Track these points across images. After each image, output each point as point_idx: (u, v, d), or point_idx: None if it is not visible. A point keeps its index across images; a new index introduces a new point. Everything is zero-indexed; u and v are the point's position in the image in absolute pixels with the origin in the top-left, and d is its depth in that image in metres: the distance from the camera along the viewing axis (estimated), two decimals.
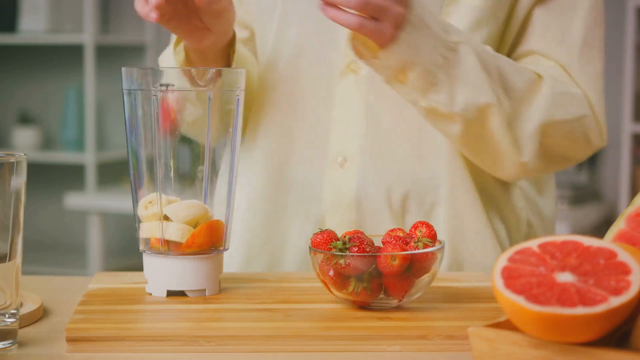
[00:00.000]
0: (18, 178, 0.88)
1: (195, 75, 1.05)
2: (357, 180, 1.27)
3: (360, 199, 1.26)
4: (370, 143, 1.26)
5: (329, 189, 1.28)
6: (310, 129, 1.29)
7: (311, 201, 1.29)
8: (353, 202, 1.26)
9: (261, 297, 1.04)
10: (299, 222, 1.30)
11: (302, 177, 1.29)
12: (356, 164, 1.27)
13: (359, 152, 1.27)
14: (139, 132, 1.06)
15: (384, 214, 1.26)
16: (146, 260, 1.06)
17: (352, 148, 1.27)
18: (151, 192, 1.06)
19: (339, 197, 1.27)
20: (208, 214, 1.06)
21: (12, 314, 0.89)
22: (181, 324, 0.95)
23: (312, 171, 1.29)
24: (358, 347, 0.91)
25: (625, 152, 3.47)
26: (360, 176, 1.27)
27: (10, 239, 0.88)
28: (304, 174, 1.29)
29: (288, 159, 1.30)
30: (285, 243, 1.31)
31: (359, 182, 1.26)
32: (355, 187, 1.26)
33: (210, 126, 1.06)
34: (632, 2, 3.43)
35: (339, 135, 1.28)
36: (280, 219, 1.31)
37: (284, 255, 1.31)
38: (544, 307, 0.74)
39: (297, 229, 1.30)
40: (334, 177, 1.27)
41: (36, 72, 4.29)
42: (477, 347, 0.80)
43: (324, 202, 1.28)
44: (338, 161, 1.27)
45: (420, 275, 0.98)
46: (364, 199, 1.26)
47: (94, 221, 3.85)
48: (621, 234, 0.89)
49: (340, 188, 1.27)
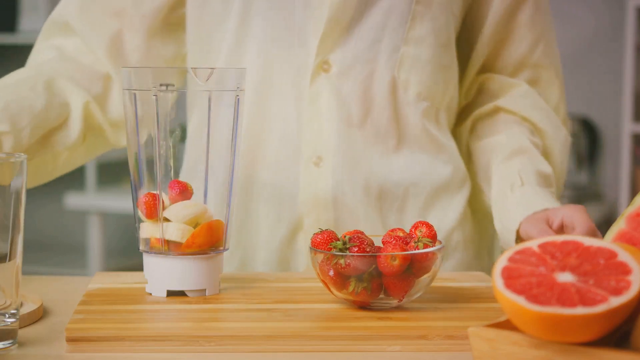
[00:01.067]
0: (18, 178, 0.88)
1: (195, 75, 1.05)
2: (332, 178, 1.27)
3: (337, 197, 1.27)
4: (344, 141, 1.27)
5: (305, 188, 1.27)
6: (281, 129, 1.28)
7: (284, 202, 1.28)
8: (330, 201, 1.27)
9: (261, 297, 1.04)
10: (271, 224, 1.29)
11: (274, 178, 1.28)
12: (331, 163, 1.27)
13: (334, 151, 1.27)
14: (139, 132, 1.06)
15: (361, 210, 1.27)
16: (146, 260, 1.06)
17: (327, 147, 1.27)
18: (151, 192, 1.06)
19: (316, 197, 1.27)
20: (208, 214, 1.06)
21: (12, 314, 0.89)
22: (181, 324, 0.95)
23: (284, 172, 1.28)
24: (358, 347, 0.91)
25: (625, 152, 3.47)
26: (335, 174, 1.27)
27: (10, 239, 0.88)
28: (275, 175, 1.28)
29: (258, 160, 1.29)
30: (256, 245, 1.30)
31: (335, 181, 1.27)
32: (331, 186, 1.27)
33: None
34: (632, 2, 3.43)
35: (313, 134, 1.27)
36: (251, 220, 1.30)
37: (256, 257, 1.30)
38: (544, 307, 0.74)
39: (270, 230, 1.29)
40: (309, 177, 1.27)
41: None
42: (477, 347, 0.80)
43: (300, 202, 1.27)
44: (313, 161, 1.27)
45: (420, 275, 0.98)
46: (341, 197, 1.27)
47: (94, 221, 3.84)
48: (621, 234, 0.89)
49: (317, 187, 1.27)
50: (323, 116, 1.27)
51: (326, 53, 1.26)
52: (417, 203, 1.29)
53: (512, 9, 1.33)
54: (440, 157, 1.30)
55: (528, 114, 1.32)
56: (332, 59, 1.26)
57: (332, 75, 1.26)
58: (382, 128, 1.28)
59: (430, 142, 1.29)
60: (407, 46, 1.27)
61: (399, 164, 1.29)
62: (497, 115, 1.34)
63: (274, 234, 1.29)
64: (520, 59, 1.34)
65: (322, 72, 1.26)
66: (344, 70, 1.26)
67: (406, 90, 1.27)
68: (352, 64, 1.26)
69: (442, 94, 1.30)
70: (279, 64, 1.27)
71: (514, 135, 1.30)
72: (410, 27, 1.26)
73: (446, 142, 1.31)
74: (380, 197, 1.28)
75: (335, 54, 1.26)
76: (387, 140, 1.28)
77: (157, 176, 1.05)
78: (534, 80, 1.35)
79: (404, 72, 1.27)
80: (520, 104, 1.33)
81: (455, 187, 1.32)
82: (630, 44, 3.46)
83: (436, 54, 1.28)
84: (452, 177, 1.31)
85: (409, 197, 1.29)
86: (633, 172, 3.51)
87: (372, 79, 1.27)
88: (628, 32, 3.46)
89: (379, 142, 1.28)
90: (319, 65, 1.26)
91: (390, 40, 1.26)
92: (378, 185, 1.28)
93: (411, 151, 1.29)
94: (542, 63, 1.35)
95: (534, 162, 1.27)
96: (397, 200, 1.29)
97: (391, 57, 1.27)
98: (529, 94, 1.34)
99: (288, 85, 1.27)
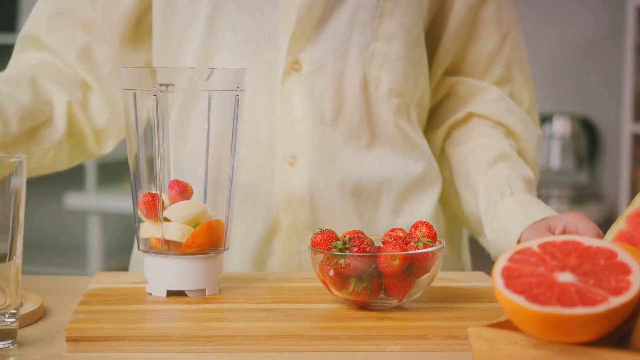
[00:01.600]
0: (18, 178, 0.88)
1: (195, 75, 1.05)
2: (308, 177, 1.27)
3: (312, 196, 1.27)
4: (317, 139, 1.27)
5: (280, 189, 1.27)
6: (253, 130, 1.28)
7: (258, 203, 1.28)
8: (306, 200, 1.27)
9: (261, 297, 1.04)
10: (249, 223, 1.28)
11: (248, 180, 1.28)
12: (305, 162, 1.27)
13: (308, 150, 1.27)
14: (139, 132, 1.06)
15: (337, 208, 1.27)
16: (146, 260, 1.06)
17: (300, 146, 1.27)
18: (151, 192, 1.06)
19: (291, 197, 1.27)
20: (208, 214, 1.06)
21: (12, 314, 0.89)
22: (181, 324, 0.95)
23: (259, 173, 1.28)
24: (358, 347, 0.91)
25: (625, 152, 3.47)
26: (310, 173, 1.27)
27: (10, 239, 0.88)
28: (249, 176, 1.28)
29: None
30: (232, 245, 1.29)
31: (310, 179, 1.27)
32: (307, 185, 1.27)
33: None
34: (632, 2, 3.43)
35: (286, 134, 1.27)
36: None
37: (231, 257, 1.29)
38: (544, 307, 0.74)
39: (246, 231, 1.29)
40: (284, 177, 1.27)
41: None
42: (477, 347, 0.80)
43: (275, 202, 1.27)
44: (287, 160, 1.27)
45: (420, 275, 0.98)
46: (317, 196, 1.27)
47: (94, 221, 3.84)
48: (621, 234, 0.89)
49: (292, 187, 1.27)
50: (296, 116, 1.27)
51: (297, 52, 1.26)
52: (390, 199, 1.30)
53: (476, 6, 1.33)
54: (413, 154, 1.31)
55: (501, 118, 1.34)
56: (302, 58, 1.26)
57: (303, 74, 1.26)
58: (354, 125, 1.28)
59: (402, 139, 1.30)
60: (377, 42, 1.27)
61: (372, 161, 1.29)
62: (470, 120, 1.35)
63: (250, 235, 1.28)
64: (489, 57, 1.35)
65: (293, 72, 1.26)
66: (315, 69, 1.26)
67: (377, 87, 1.28)
68: (323, 62, 1.26)
69: (412, 90, 1.31)
70: (249, 65, 1.26)
71: (493, 140, 1.32)
72: (379, 23, 1.27)
73: (418, 139, 1.32)
74: (354, 194, 1.29)
75: (306, 53, 1.26)
76: (360, 137, 1.29)
77: (157, 176, 1.05)
78: (506, 78, 1.36)
79: (374, 68, 1.27)
80: (492, 108, 1.34)
81: (428, 183, 1.33)
82: (630, 44, 3.46)
83: (407, 50, 1.29)
84: (425, 174, 1.32)
85: (382, 194, 1.30)
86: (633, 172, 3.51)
87: (344, 76, 1.27)
88: (628, 32, 3.46)
89: (352, 140, 1.28)
90: (289, 65, 1.26)
91: (359, 37, 1.27)
92: (352, 182, 1.28)
93: (384, 148, 1.30)
94: (511, 60, 1.36)
95: (518, 168, 1.28)
96: (371, 196, 1.30)
97: (362, 54, 1.27)
98: (500, 97, 1.35)
99: (259, 85, 1.27)
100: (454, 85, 1.37)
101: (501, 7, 1.35)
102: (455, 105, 1.36)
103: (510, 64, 1.36)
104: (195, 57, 1.29)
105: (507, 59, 1.36)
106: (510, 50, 1.36)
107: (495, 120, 1.34)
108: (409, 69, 1.30)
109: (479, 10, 1.34)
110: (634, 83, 3.46)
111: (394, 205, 1.31)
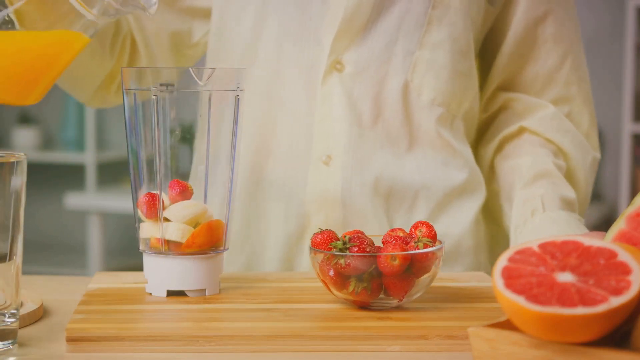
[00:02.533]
0: (18, 178, 0.88)
1: (195, 75, 1.05)
2: (342, 177, 1.26)
3: (345, 197, 1.26)
4: (354, 141, 1.26)
5: (314, 187, 1.27)
6: (291, 127, 1.28)
7: (292, 200, 1.28)
8: (338, 200, 1.26)
9: (261, 297, 1.04)
10: (280, 221, 1.29)
11: (283, 176, 1.28)
12: (340, 162, 1.26)
13: (344, 150, 1.26)
14: (139, 132, 1.06)
15: (369, 210, 1.27)
16: (146, 260, 1.06)
17: (337, 146, 1.27)
18: (151, 192, 1.06)
19: (324, 195, 1.27)
20: (208, 214, 1.06)
21: (12, 314, 0.89)
22: (181, 324, 0.95)
23: (294, 170, 1.28)
24: (358, 347, 0.91)
25: (625, 152, 3.47)
26: (344, 173, 1.27)
27: (10, 239, 0.88)
28: (284, 173, 1.28)
29: (267, 157, 1.29)
30: (265, 242, 1.30)
31: (344, 180, 1.26)
32: (340, 185, 1.26)
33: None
34: (632, 2, 3.43)
35: (323, 133, 1.27)
36: (260, 217, 1.30)
37: (263, 254, 1.30)
38: (544, 307, 0.74)
39: (278, 228, 1.29)
40: (318, 175, 1.27)
41: None
42: (477, 347, 0.80)
43: (308, 200, 1.27)
44: (322, 159, 1.27)
45: (420, 275, 0.98)
46: (350, 197, 1.26)
47: (94, 221, 3.85)
48: (621, 234, 0.89)
49: (325, 186, 1.27)
50: (334, 115, 1.27)
51: (339, 53, 1.26)
52: (427, 206, 1.28)
53: (535, 22, 1.31)
54: (455, 162, 1.29)
55: (552, 136, 1.31)
56: (345, 58, 1.26)
57: (344, 75, 1.26)
58: (393, 131, 1.27)
59: (444, 147, 1.28)
60: (422, 50, 1.26)
61: (410, 166, 1.28)
62: (522, 135, 1.32)
63: (281, 232, 1.29)
64: (547, 75, 1.32)
65: (334, 72, 1.26)
66: (357, 71, 1.25)
67: (420, 94, 1.27)
68: (365, 65, 1.26)
69: (458, 101, 1.29)
70: (293, 60, 1.27)
71: (538, 157, 1.29)
72: (426, 31, 1.26)
73: (461, 148, 1.30)
74: (389, 198, 1.28)
75: (349, 54, 1.26)
76: (399, 142, 1.27)
77: (157, 176, 1.05)
78: (564, 98, 1.33)
79: (417, 76, 1.26)
80: (545, 126, 1.31)
81: (469, 192, 1.30)
82: (630, 44, 3.46)
83: (453, 61, 1.27)
84: (466, 183, 1.30)
85: (419, 199, 1.28)
86: (633, 172, 3.51)
87: (385, 81, 1.26)
88: (628, 32, 3.47)
89: (390, 144, 1.27)
90: (331, 65, 1.26)
91: (405, 43, 1.26)
92: (387, 186, 1.27)
93: (424, 154, 1.28)
94: (571, 80, 1.33)
95: (557, 187, 1.26)
96: (406, 201, 1.28)
97: (405, 61, 1.26)
98: (555, 115, 1.32)
99: (301, 82, 1.27)
100: (509, 100, 1.34)
101: (562, 24, 1.32)
102: (509, 120, 1.34)
103: (569, 83, 1.33)
104: (244, 46, 1.30)
105: (567, 79, 1.32)
106: (570, 70, 1.32)
107: (546, 138, 1.31)
108: (454, 79, 1.28)
109: (538, 26, 1.31)
110: (634, 83, 3.47)
111: (431, 212, 1.29)
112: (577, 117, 1.34)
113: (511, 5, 1.31)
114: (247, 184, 1.30)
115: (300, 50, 1.27)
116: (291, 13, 1.27)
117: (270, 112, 1.29)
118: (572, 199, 1.26)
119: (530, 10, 1.30)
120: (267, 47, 1.29)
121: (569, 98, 1.33)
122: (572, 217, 1.22)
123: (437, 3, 1.25)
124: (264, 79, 1.28)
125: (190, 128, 1.19)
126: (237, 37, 1.31)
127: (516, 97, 1.34)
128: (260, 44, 1.29)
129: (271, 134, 1.29)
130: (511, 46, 1.32)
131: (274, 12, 1.28)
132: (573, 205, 1.26)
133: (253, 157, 1.30)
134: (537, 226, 1.21)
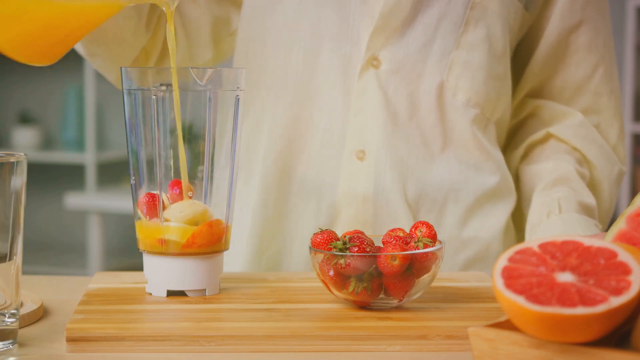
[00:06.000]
0: (18, 178, 0.88)
1: (195, 75, 1.05)
2: (374, 173, 1.26)
3: (377, 193, 1.26)
4: (388, 138, 1.26)
5: (346, 182, 1.27)
6: (326, 121, 1.28)
7: (323, 194, 1.28)
8: (370, 196, 1.26)
9: (261, 297, 1.04)
10: (310, 215, 1.29)
11: (315, 170, 1.29)
12: (374, 158, 1.26)
13: (377, 146, 1.26)
14: (139, 132, 1.06)
15: (399, 209, 1.26)
16: (146, 260, 1.06)
17: (371, 142, 1.26)
18: (151, 192, 1.06)
19: (356, 191, 1.27)
20: (208, 214, 1.06)
21: (12, 314, 0.89)
22: (181, 324, 0.95)
23: (326, 164, 1.28)
24: (358, 347, 0.91)
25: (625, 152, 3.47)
26: (377, 170, 1.26)
27: (10, 239, 0.88)
28: (317, 167, 1.29)
29: (300, 152, 1.30)
30: (294, 236, 1.30)
31: (376, 176, 1.26)
32: (373, 181, 1.26)
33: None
34: (632, 2, 3.43)
35: (358, 129, 1.27)
36: (290, 211, 1.30)
37: (292, 248, 1.30)
38: (544, 307, 0.74)
39: (308, 222, 1.29)
40: (351, 171, 1.27)
41: (36, 72, 4.29)
42: (477, 347, 0.80)
43: (339, 195, 1.27)
44: (356, 155, 1.27)
45: (421, 275, 0.98)
46: (381, 193, 1.26)
47: (94, 221, 3.85)
48: (621, 234, 0.89)
49: (358, 182, 1.27)
50: (369, 110, 1.27)
51: (376, 49, 1.26)
52: (458, 208, 1.28)
53: (569, 31, 1.30)
54: (487, 166, 1.29)
55: (578, 144, 1.31)
56: (382, 55, 1.26)
57: (381, 72, 1.26)
58: (427, 130, 1.27)
59: (477, 149, 1.28)
60: (459, 51, 1.26)
61: (443, 168, 1.28)
62: (548, 142, 1.32)
63: (310, 225, 1.29)
64: (577, 85, 1.32)
65: (371, 68, 1.26)
66: (393, 69, 1.26)
67: (455, 95, 1.26)
68: (402, 63, 1.26)
69: (494, 103, 1.29)
70: (329, 54, 1.27)
71: (561, 163, 1.29)
72: (464, 31, 1.25)
73: (494, 152, 1.29)
74: (419, 199, 1.27)
75: (386, 52, 1.26)
76: (432, 142, 1.27)
77: (157, 176, 1.05)
78: (591, 109, 1.33)
79: (453, 76, 1.26)
80: (572, 134, 1.31)
81: (500, 197, 1.30)
82: (630, 44, 3.46)
83: (489, 62, 1.27)
84: (498, 187, 1.29)
85: (449, 202, 1.28)
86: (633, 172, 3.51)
87: (421, 80, 1.26)
88: (628, 32, 3.47)
89: (423, 144, 1.27)
90: (368, 61, 1.26)
91: (442, 43, 1.26)
92: (419, 186, 1.27)
93: (456, 156, 1.28)
94: (601, 91, 1.32)
95: (577, 192, 1.25)
96: (437, 203, 1.28)
97: (442, 61, 1.26)
98: (582, 124, 1.31)
99: (337, 76, 1.27)
100: (538, 107, 1.34)
101: (596, 34, 1.31)
102: (536, 127, 1.34)
103: (599, 94, 1.32)
104: (278, 37, 1.30)
105: (596, 89, 1.32)
106: (601, 81, 1.32)
107: (572, 146, 1.31)
108: (490, 81, 1.27)
109: (572, 34, 1.31)
110: (634, 83, 3.47)
111: (462, 215, 1.28)
112: (605, 129, 1.33)
113: (547, 12, 1.31)
114: (276, 180, 1.30)
115: (337, 44, 1.27)
116: (328, 7, 1.27)
117: (304, 106, 1.29)
118: (591, 205, 1.25)
119: (565, 18, 1.30)
120: (303, 38, 1.28)
121: (598, 109, 1.33)
122: (589, 221, 1.22)
123: (475, 4, 1.25)
124: (299, 73, 1.28)
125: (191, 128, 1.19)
126: (273, 25, 1.31)
127: (545, 104, 1.33)
128: (296, 37, 1.29)
129: (305, 128, 1.29)
130: (543, 53, 1.31)
131: (312, 5, 1.28)
132: (592, 212, 1.25)
133: (284, 152, 1.30)
134: (550, 226, 1.21)
